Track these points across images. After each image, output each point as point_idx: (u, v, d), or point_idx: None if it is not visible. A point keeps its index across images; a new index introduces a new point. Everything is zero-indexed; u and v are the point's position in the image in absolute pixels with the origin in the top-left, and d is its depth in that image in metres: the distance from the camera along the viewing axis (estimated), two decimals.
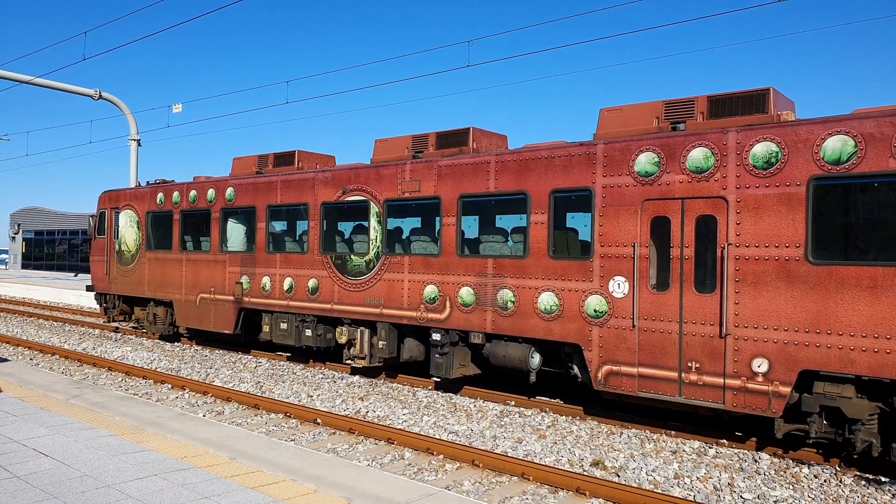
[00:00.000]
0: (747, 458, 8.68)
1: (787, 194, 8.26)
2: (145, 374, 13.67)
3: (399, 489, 6.24)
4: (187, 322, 16.90)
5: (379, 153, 13.28)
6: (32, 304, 29.71)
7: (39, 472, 6.31)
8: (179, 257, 17.08)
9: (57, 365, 15.09)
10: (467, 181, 11.36)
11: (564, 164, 10.20)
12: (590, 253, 9.92)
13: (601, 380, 9.73)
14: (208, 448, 7.37)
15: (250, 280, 15.13)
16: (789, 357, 8.19)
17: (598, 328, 9.78)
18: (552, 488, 7.62)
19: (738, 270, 8.59)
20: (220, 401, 11.82)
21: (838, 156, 7.94)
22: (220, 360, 15.77)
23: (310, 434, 9.80)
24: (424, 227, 12.91)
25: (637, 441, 9.39)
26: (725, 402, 8.64)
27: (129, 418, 8.71)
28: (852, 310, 7.80)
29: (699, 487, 7.70)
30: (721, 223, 8.75)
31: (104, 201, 19.79)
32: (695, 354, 8.88)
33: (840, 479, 7.97)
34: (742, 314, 8.54)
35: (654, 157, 9.32)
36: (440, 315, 11.66)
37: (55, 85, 26.05)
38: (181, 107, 26.20)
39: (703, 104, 9.40)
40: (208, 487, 6.00)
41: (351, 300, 13.08)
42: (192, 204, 16.75)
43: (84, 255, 53.37)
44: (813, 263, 8.07)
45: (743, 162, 8.60)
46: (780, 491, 7.55)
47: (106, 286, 19.69)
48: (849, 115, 7.99)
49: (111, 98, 27.28)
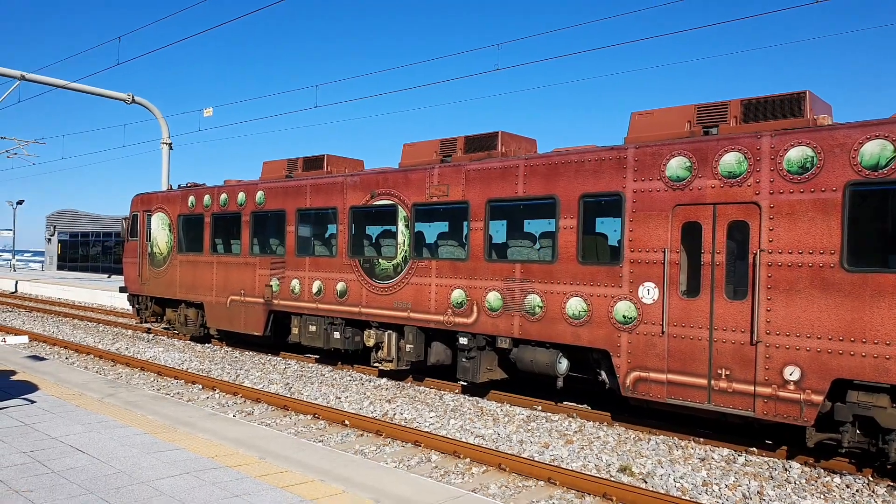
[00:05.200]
0: (777, 466, 8.55)
1: (823, 200, 8.13)
2: (177, 374, 13.90)
3: (426, 491, 6.27)
4: (218, 324, 17.14)
5: (407, 157, 13.36)
6: (67, 305, 30.38)
7: (76, 468, 6.46)
8: (210, 260, 17.34)
9: (91, 364, 15.41)
10: (495, 185, 11.37)
11: (594, 168, 10.16)
12: (619, 258, 9.86)
13: (629, 386, 9.66)
14: (238, 448, 7.48)
15: (280, 283, 15.31)
16: (822, 365, 8.05)
17: (626, 334, 9.71)
18: (579, 493, 7.58)
19: (771, 277, 8.47)
20: (249, 401, 11.97)
21: (876, 161, 7.80)
22: (249, 362, 15.97)
23: (338, 435, 9.88)
24: (452, 232, 12.95)
25: (665, 448, 9.30)
26: (756, 410, 8.52)
27: (161, 417, 8.87)
28: (888, 318, 7.65)
29: (728, 495, 7.61)
30: (753, 229, 8.64)
31: (136, 204, 20.18)
32: (725, 361, 8.78)
33: (872, 489, 7.81)
34: (774, 321, 8.41)
35: (686, 162, 9.24)
36: (467, 319, 11.67)
37: (89, 89, 26.63)
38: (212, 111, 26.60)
39: (737, 108, 9.30)
40: (239, 486, 6.09)
41: (379, 303, 13.16)
42: (223, 207, 17.00)
43: (117, 256, 54.39)
44: (848, 271, 7.93)
45: (777, 167, 8.49)
46: (810, 500, 7.42)
47: (138, 287, 20.07)
48: (888, 119, 7.85)
49: (144, 102, 27.81)
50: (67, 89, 26.10)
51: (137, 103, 27.67)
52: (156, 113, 28.11)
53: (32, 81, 25.33)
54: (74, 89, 26.19)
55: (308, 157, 15.62)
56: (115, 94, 27.30)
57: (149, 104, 27.96)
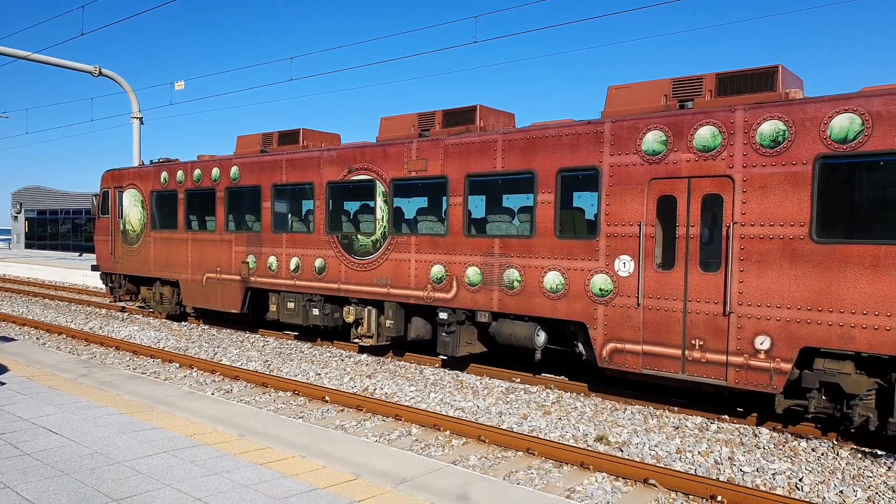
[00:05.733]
0: (748, 433, 8.80)
1: (794, 173, 8.27)
2: (153, 353, 13.80)
3: (406, 464, 6.35)
4: (194, 301, 17.01)
5: (385, 132, 13.26)
6: (37, 284, 29.86)
7: (50, 449, 6.39)
8: (185, 237, 17.15)
9: (64, 344, 15.22)
10: (474, 160, 11.37)
11: (572, 142, 10.20)
12: (596, 232, 9.96)
13: (606, 357, 9.82)
14: (217, 426, 7.47)
15: (256, 259, 15.21)
16: (791, 334, 8.27)
17: (603, 307, 9.85)
18: (557, 463, 7.75)
19: (743, 249, 8.63)
20: (228, 379, 11.95)
21: (845, 134, 7.94)
22: (227, 340, 15.91)
23: (318, 411, 9.93)
24: (431, 207, 12.94)
25: (640, 417, 9.50)
26: (728, 379, 8.73)
27: (137, 397, 8.81)
28: (854, 288, 7.86)
29: (700, 461, 7.83)
30: (727, 202, 8.77)
31: (107, 180, 19.80)
32: (698, 332, 8.96)
33: (837, 452, 8.09)
34: (746, 292, 8.59)
35: (662, 136, 9.31)
36: (447, 294, 11.73)
37: (53, 61, 25.85)
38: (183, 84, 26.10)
39: (712, 82, 9.36)
40: (218, 464, 6.10)
41: (358, 280, 13.16)
42: (197, 183, 16.77)
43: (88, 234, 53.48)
44: (817, 242, 8.11)
45: (750, 140, 8.60)
46: (778, 464, 7.66)
47: (111, 266, 19.79)
48: (857, 93, 7.97)
49: (111, 75, 27.14)
50: (30, 61, 25.33)
51: (105, 76, 26.99)
52: (125, 86, 27.47)
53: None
54: (37, 61, 25.43)
55: (283, 132, 15.43)
56: (81, 66, 26.58)
57: (117, 77, 27.29)
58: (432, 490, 5.64)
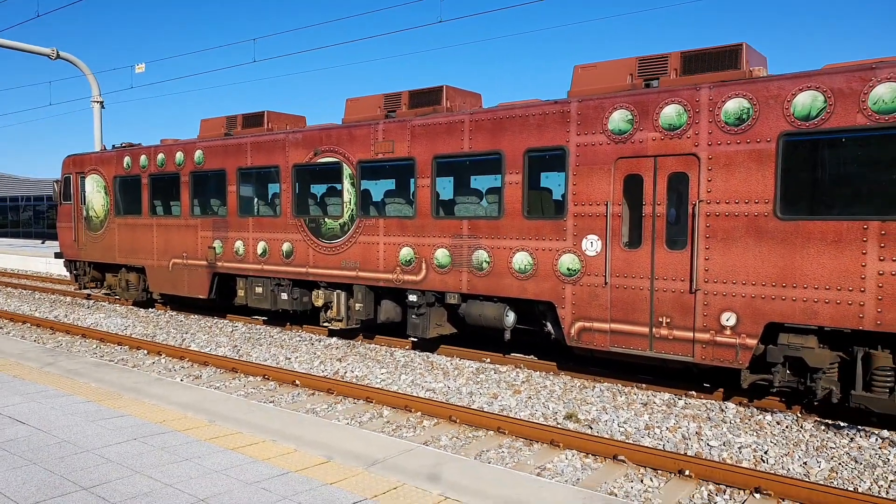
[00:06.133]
0: (714, 407, 8.98)
1: (758, 150, 8.37)
2: (120, 340, 13.57)
3: (378, 446, 6.35)
4: (160, 288, 16.74)
5: (350, 113, 13.11)
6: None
7: (17, 439, 6.27)
8: (150, 222, 16.82)
9: (29, 333, 14.89)
10: (441, 141, 11.30)
11: (538, 122, 10.19)
12: (563, 212, 9.99)
13: (574, 336, 9.91)
14: (187, 412, 7.39)
15: (223, 244, 14.99)
16: (756, 310, 8.42)
17: (571, 286, 9.92)
18: (527, 441, 7.82)
19: (709, 227, 8.73)
20: (197, 365, 11.81)
21: (808, 111, 8.04)
22: (195, 325, 15.70)
23: (289, 395, 9.87)
24: (399, 189, 12.85)
25: (609, 394, 9.63)
26: (695, 356, 8.88)
27: (105, 384, 8.67)
28: (817, 263, 8.01)
29: (668, 437, 7.96)
30: (693, 180, 8.85)
31: (69, 166, 19.31)
32: (665, 310, 9.08)
33: (801, 424, 8.30)
34: (712, 270, 8.72)
35: (628, 115, 9.35)
36: (416, 277, 11.71)
37: (8, 44, 25.02)
38: (144, 66, 25.45)
39: (677, 60, 9.41)
40: (188, 450, 6.04)
41: (326, 263, 13.05)
42: (161, 168, 16.43)
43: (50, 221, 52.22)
44: (781, 219, 8.24)
45: (715, 119, 8.67)
46: (744, 437, 7.84)
47: (75, 253, 19.36)
48: (819, 70, 8.07)
49: (69, 57, 26.35)
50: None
51: (63, 59, 26.20)
52: (84, 69, 26.71)
53: None
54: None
55: (247, 114, 15.16)
56: (38, 48, 25.76)
57: (76, 60, 26.52)
58: (404, 471, 5.65)
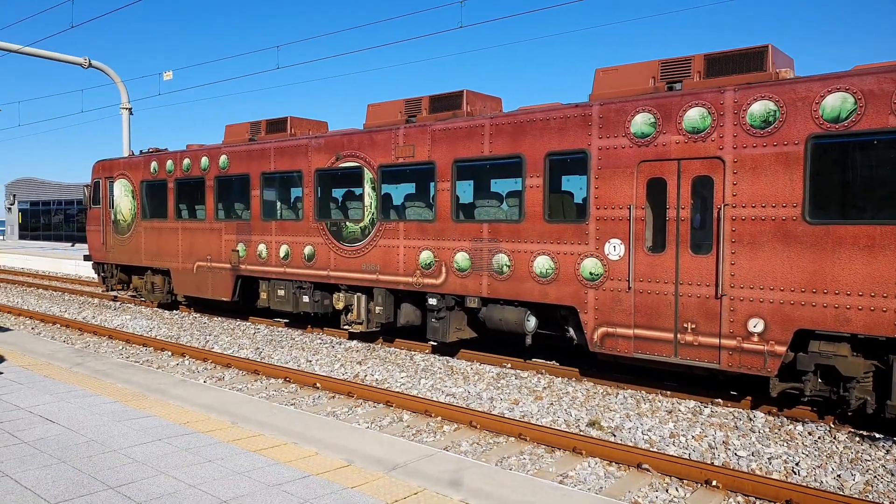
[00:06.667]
0: (742, 416, 8.79)
1: (785, 153, 8.20)
2: (145, 341, 13.74)
3: (398, 450, 6.32)
4: (185, 290, 16.93)
5: (372, 118, 13.15)
6: (31, 275, 29.71)
7: (47, 437, 6.37)
8: (175, 226, 17.03)
9: (58, 334, 15.15)
10: (462, 145, 11.27)
11: (560, 126, 10.11)
12: (585, 216, 9.89)
13: (597, 342, 9.79)
14: (210, 413, 7.44)
15: (246, 247, 15.12)
16: (785, 317, 8.24)
17: (593, 291, 9.81)
18: (549, 448, 7.73)
19: (735, 231, 8.58)
20: (220, 367, 11.90)
21: (837, 113, 7.87)
22: (218, 328, 15.84)
23: (309, 398, 9.89)
24: (419, 193, 12.85)
25: (633, 401, 9.49)
26: (721, 362, 8.71)
27: (131, 385, 8.78)
28: (849, 269, 7.82)
29: (694, 446, 7.81)
30: (717, 184, 8.71)
31: (98, 171, 19.65)
32: (690, 315, 8.93)
33: (834, 435, 8.08)
34: (738, 275, 8.55)
35: (650, 118, 9.23)
36: (436, 280, 11.68)
37: (44, 54, 25.62)
38: (171, 74, 25.83)
39: (700, 63, 9.27)
40: (212, 451, 6.07)
41: (347, 266, 13.08)
42: (186, 172, 16.63)
43: (80, 224, 53.18)
44: (810, 223, 8.06)
45: (740, 121, 8.52)
46: (774, 448, 7.66)
47: (103, 255, 19.68)
48: (848, 72, 7.89)
49: (101, 66, 26.87)
50: (21, 54, 25.05)
51: (95, 67, 26.72)
52: (114, 77, 27.20)
53: None
54: (28, 54, 25.16)
55: (271, 120, 15.29)
56: (71, 58, 26.30)
57: (106, 68, 27.02)
58: (425, 476, 5.61)
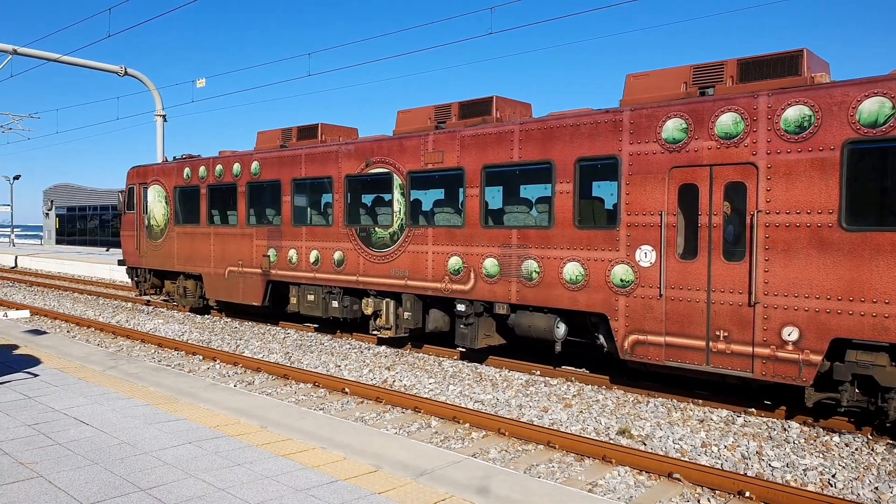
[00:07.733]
0: (776, 426, 8.62)
1: (821, 159, 8.05)
2: (177, 345, 13.95)
3: (426, 457, 6.31)
4: (216, 295, 17.17)
5: (401, 124, 13.22)
6: (67, 279, 30.39)
7: (80, 439, 6.49)
8: (207, 231, 17.30)
9: (93, 337, 15.46)
10: (491, 151, 11.27)
11: (590, 131, 10.05)
12: (616, 222, 9.82)
13: (627, 349, 9.70)
14: (240, 417, 7.51)
15: (277, 253, 15.29)
16: (821, 325, 8.07)
17: (624, 298, 9.71)
18: (578, 456, 7.66)
19: (768, 238, 8.44)
20: (250, 371, 12.04)
21: (875, 118, 7.70)
22: (249, 332, 16.03)
23: (338, 403, 9.94)
24: (448, 199, 12.87)
25: (664, 410, 9.37)
26: (754, 371, 8.56)
27: (163, 388, 8.91)
28: (887, 276, 7.63)
29: (727, 456, 7.68)
30: (750, 190, 8.58)
31: (132, 177, 20.05)
32: (723, 323, 8.79)
33: (872, 447, 7.88)
34: (772, 282, 8.41)
35: (682, 124, 9.14)
36: (465, 286, 11.67)
37: (81, 62, 26.29)
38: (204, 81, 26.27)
39: (733, 68, 9.15)
40: (241, 455, 6.13)
41: (376, 272, 13.15)
42: (219, 178, 16.89)
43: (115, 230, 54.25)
44: (846, 230, 7.89)
45: (774, 126, 8.39)
46: (809, 459, 7.49)
47: (136, 260, 20.05)
48: (886, 76, 7.73)
49: (136, 74, 27.46)
50: (60, 62, 25.75)
51: (130, 75, 27.33)
52: (149, 85, 27.77)
53: (25, 55, 24.98)
54: (67, 62, 25.85)
55: (302, 127, 15.46)
56: (108, 66, 26.94)
57: (141, 76, 27.61)
58: (453, 482, 5.60)
